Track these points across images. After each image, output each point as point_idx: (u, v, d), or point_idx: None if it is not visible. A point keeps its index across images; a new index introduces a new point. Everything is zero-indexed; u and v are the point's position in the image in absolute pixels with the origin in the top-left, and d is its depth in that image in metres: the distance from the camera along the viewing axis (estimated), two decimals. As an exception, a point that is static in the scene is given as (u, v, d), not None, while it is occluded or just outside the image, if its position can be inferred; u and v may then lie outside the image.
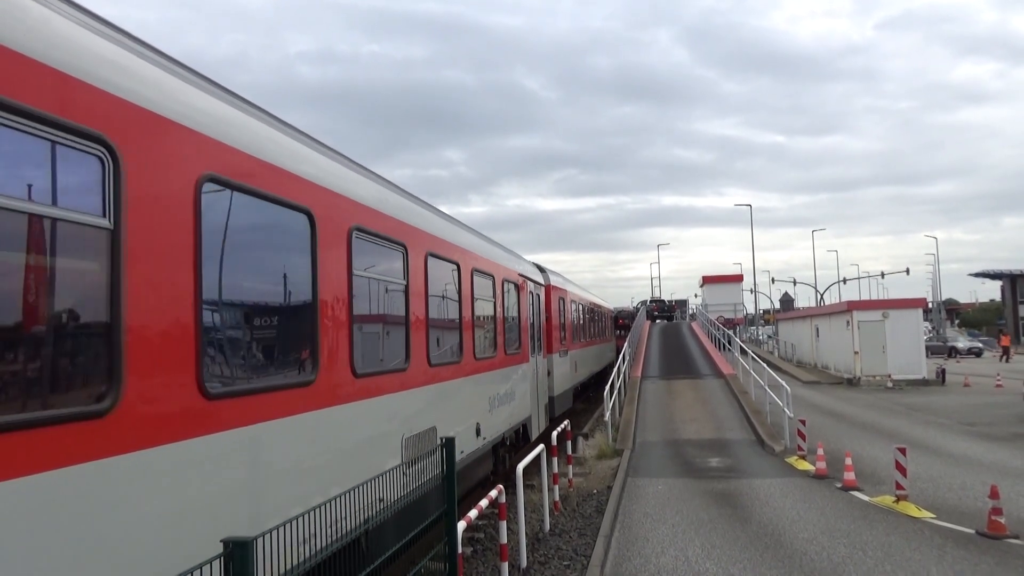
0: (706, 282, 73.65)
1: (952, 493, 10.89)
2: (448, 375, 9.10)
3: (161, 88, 4.20)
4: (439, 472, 6.13)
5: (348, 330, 6.27)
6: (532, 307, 15.58)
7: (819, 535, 8.90)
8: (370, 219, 6.90)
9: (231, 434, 4.55)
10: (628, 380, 24.84)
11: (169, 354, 4.05)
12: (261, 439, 4.86)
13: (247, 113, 5.25)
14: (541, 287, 17.04)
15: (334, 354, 6.01)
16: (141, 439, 3.79)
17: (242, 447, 4.69)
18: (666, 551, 8.46)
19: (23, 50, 3.25)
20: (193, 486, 4.22)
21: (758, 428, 17.16)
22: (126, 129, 3.79)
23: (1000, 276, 74.23)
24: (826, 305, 49.87)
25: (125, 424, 3.67)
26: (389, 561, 5.35)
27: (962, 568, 7.58)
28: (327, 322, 5.92)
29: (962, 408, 21.32)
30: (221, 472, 4.50)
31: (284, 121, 6.00)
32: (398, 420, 7.35)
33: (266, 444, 4.93)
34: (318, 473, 5.73)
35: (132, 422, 3.73)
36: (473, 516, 6.77)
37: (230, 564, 2.95)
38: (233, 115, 4.98)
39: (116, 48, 3.96)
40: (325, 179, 6.11)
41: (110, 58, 3.85)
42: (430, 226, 8.97)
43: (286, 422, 5.21)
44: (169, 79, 4.35)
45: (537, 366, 15.71)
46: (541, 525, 9.73)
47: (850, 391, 27.41)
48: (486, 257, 11.65)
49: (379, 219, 7.16)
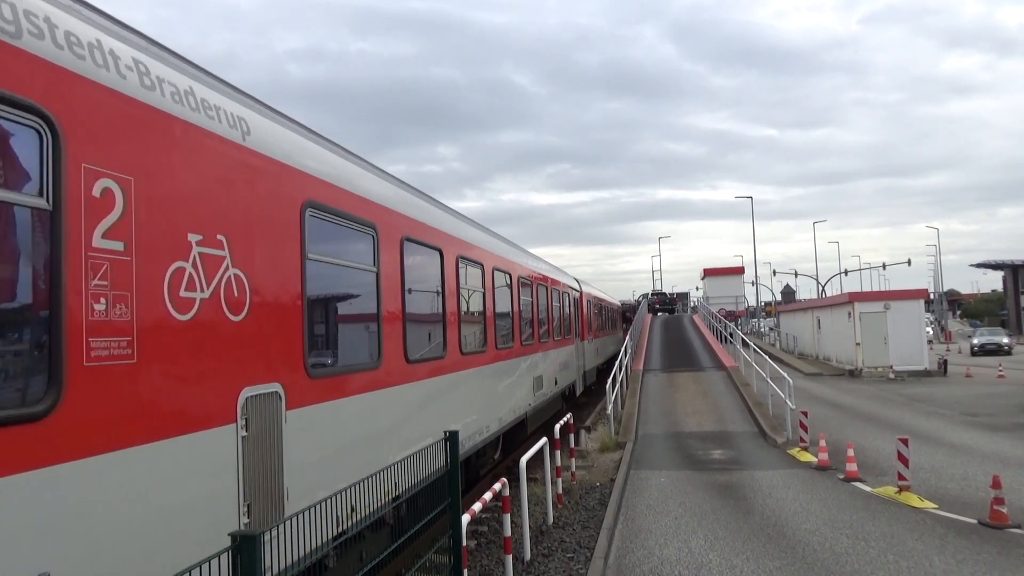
0: (707, 275, 73.56)
1: (954, 483, 10.91)
2: (540, 348, 15.65)
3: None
4: (443, 466, 6.16)
5: (489, 321, 11.39)
6: (574, 308, 21.93)
7: (822, 526, 8.93)
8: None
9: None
10: (630, 373, 24.87)
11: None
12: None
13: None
14: (578, 292, 23.06)
15: (497, 336, 11.67)
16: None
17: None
18: (669, 543, 8.50)
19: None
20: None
21: (760, 420, 17.18)
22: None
23: (1001, 267, 74.11)
24: (827, 297, 49.84)
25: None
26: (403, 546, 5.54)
27: (964, 558, 7.61)
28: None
29: (964, 399, 21.33)
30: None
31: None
32: (532, 369, 14.57)
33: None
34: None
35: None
36: (477, 509, 6.79)
37: (238, 558, 2.97)
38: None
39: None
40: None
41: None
42: (520, 257, 14.70)
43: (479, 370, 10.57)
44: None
45: (577, 348, 21.92)
46: (544, 518, 9.76)
47: (852, 382, 27.42)
48: (556, 278, 18.62)
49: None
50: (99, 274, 3.65)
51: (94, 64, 3.77)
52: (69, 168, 3.51)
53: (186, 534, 4.11)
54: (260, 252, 5.04)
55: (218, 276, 4.57)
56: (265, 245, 5.10)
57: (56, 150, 3.45)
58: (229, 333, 4.65)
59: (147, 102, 4.11)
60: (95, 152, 3.69)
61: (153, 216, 4.04)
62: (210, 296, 4.47)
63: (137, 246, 3.90)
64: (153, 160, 4.10)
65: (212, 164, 4.63)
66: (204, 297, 4.42)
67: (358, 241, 6.78)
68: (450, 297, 9.28)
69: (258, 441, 4.83)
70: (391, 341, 7.24)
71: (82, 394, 3.49)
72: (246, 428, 4.72)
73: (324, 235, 6.01)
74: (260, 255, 5.04)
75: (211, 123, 4.67)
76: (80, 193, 3.56)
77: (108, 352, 3.67)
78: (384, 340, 7.08)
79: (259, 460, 4.83)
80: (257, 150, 5.12)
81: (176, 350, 4.16)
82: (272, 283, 5.17)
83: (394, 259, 7.48)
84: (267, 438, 4.95)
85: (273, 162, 5.32)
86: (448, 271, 9.25)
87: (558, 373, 17.76)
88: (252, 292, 4.90)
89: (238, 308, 4.75)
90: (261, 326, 4.98)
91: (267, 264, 5.12)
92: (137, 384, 3.86)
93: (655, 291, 76.69)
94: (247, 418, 4.74)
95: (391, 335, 7.26)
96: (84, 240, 3.57)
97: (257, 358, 4.92)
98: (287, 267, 5.38)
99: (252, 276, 4.91)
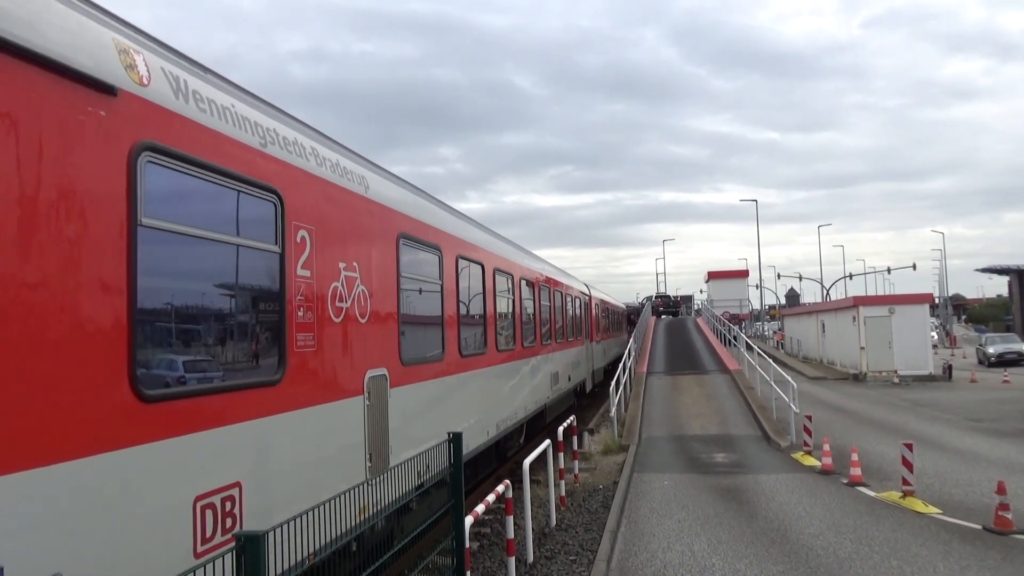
0: (711, 277, 73.52)
1: (959, 489, 10.87)
2: (558, 348, 17.72)
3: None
4: (447, 466, 6.16)
5: (517, 321, 13.27)
6: (584, 311, 23.88)
7: (825, 530, 8.90)
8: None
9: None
10: (634, 376, 24.85)
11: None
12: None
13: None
14: (587, 297, 24.83)
15: (519, 333, 13.48)
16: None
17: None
18: (672, 546, 8.48)
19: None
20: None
21: (764, 424, 17.15)
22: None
23: (1007, 271, 73.71)
24: (832, 301, 49.71)
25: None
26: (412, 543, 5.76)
27: (969, 563, 7.58)
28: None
29: (969, 404, 21.26)
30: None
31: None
32: (551, 366, 16.55)
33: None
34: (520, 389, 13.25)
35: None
36: (480, 511, 6.79)
37: (242, 558, 2.97)
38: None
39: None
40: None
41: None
42: (530, 262, 15.75)
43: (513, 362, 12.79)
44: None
45: (587, 348, 24.05)
46: (547, 520, 9.75)
47: (856, 387, 27.34)
48: (568, 284, 20.50)
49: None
50: (299, 292, 5.40)
51: (303, 159, 5.66)
52: (287, 224, 5.26)
53: (343, 468, 5.94)
54: (375, 273, 6.80)
55: (353, 291, 6.32)
56: (377, 267, 6.89)
57: (282, 213, 5.20)
58: (359, 331, 6.37)
59: (321, 176, 5.92)
60: (298, 212, 5.43)
61: (323, 252, 5.78)
62: (349, 306, 6.23)
63: (316, 273, 5.65)
64: (323, 213, 5.85)
65: (350, 212, 6.40)
66: (346, 307, 6.16)
67: (428, 261, 8.65)
68: (489, 304, 11.24)
69: (374, 409, 6.58)
70: (451, 340, 9.10)
71: (294, 371, 5.26)
72: (368, 399, 6.47)
73: (409, 258, 7.84)
74: (375, 275, 6.80)
75: (350, 184, 6.47)
76: (292, 240, 5.32)
77: (304, 344, 5.43)
78: (446, 339, 8.94)
79: (375, 423, 6.57)
80: (373, 199, 6.96)
81: (334, 342, 5.91)
82: (381, 295, 6.92)
83: (452, 274, 9.32)
84: (379, 408, 6.68)
85: (382, 207, 7.15)
86: (487, 283, 11.26)
87: (571, 371, 19.91)
88: (371, 302, 6.65)
89: (363, 314, 6.48)
90: (376, 326, 6.75)
91: (378, 281, 6.87)
92: (317, 365, 5.63)
93: (659, 294, 76.58)
94: (369, 391, 6.50)
95: (450, 335, 9.11)
96: (292, 271, 5.31)
97: (374, 349, 6.68)
98: (389, 283, 7.18)
99: (370, 291, 6.67)
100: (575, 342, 21.12)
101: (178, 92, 4.28)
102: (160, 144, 4.03)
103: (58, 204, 3.40)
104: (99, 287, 3.62)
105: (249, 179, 4.85)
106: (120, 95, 3.78)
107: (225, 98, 4.83)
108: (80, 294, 3.51)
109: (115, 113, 3.74)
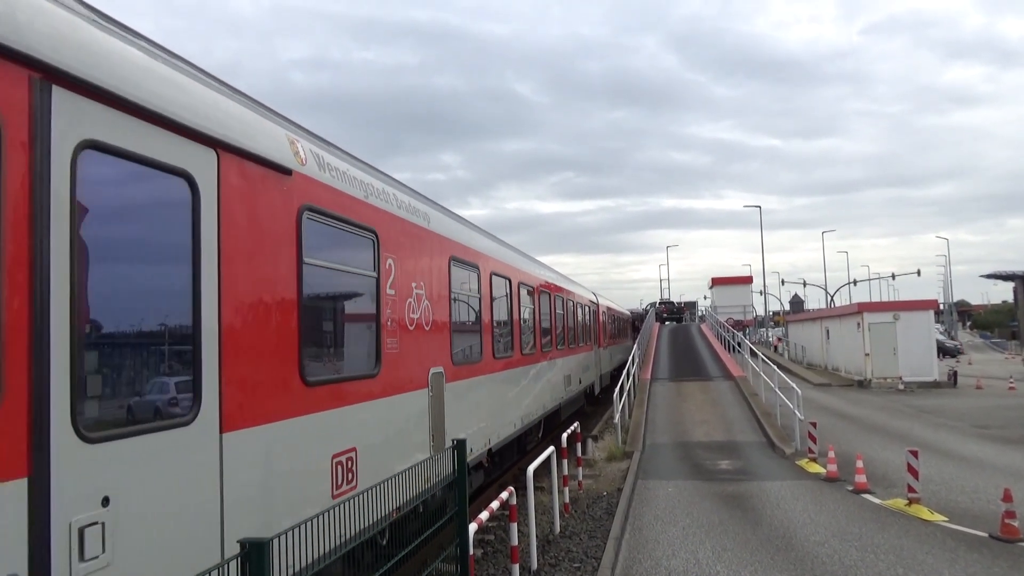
0: (715, 284, 73.36)
1: (964, 496, 10.82)
2: (570, 353, 19.33)
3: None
4: (451, 474, 6.15)
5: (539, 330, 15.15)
6: (592, 318, 25.31)
7: (830, 538, 8.87)
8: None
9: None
10: (638, 382, 24.82)
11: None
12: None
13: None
14: (595, 305, 26.34)
15: (538, 339, 14.81)
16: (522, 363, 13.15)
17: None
18: (677, 553, 8.45)
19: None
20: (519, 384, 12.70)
21: (768, 430, 17.10)
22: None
23: (1012, 277, 73.39)
24: (836, 307, 49.63)
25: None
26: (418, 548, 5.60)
27: (975, 572, 7.54)
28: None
29: (974, 411, 21.18)
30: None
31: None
32: (564, 369, 18.06)
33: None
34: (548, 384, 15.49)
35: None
36: (484, 518, 6.77)
37: (247, 565, 2.97)
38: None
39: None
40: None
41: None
42: (546, 274, 17.56)
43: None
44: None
45: (596, 353, 25.75)
46: (551, 527, 9.73)
47: (861, 393, 27.27)
48: (578, 293, 22.07)
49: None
50: (388, 307, 6.95)
51: (388, 204, 7.19)
52: (380, 255, 6.80)
53: (415, 444, 7.49)
54: (434, 289, 8.34)
55: (421, 305, 7.83)
56: (436, 285, 8.41)
57: (378, 246, 6.75)
58: (424, 337, 7.92)
59: (400, 216, 7.44)
60: (387, 244, 6.96)
61: (401, 274, 7.31)
62: (419, 316, 7.75)
63: (397, 291, 7.17)
64: (401, 244, 7.36)
65: (417, 241, 7.90)
66: (416, 317, 7.70)
67: (470, 278, 10.15)
68: (515, 313, 12.88)
69: (435, 399, 8.09)
70: (487, 344, 10.68)
71: (385, 367, 6.77)
72: (431, 391, 8.00)
73: (457, 276, 9.35)
74: (434, 291, 8.33)
75: (417, 220, 7.98)
76: (383, 267, 6.83)
77: (391, 346, 6.97)
78: (483, 344, 10.50)
79: (435, 412, 8.08)
80: (432, 230, 8.49)
81: (409, 345, 7.43)
82: (438, 308, 8.43)
83: (487, 289, 10.90)
84: (438, 399, 8.19)
85: (439, 236, 8.72)
86: (513, 294, 12.75)
87: (582, 373, 21.72)
88: (432, 313, 8.18)
89: (427, 323, 8.02)
90: (435, 333, 8.30)
91: (437, 296, 8.41)
92: (399, 363, 7.14)
93: (663, 300, 76.51)
94: (432, 385, 8.04)
95: (486, 340, 10.69)
96: (384, 290, 6.84)
97: (434, 351, 8.25)
98: (444, 297, 8.69)
99: (432, 304, 8.18)
100: (585, 347, 22.70)
101: (321, 166, 5.87)
102: (314, 205, 5.61)
103: (270, 252, 4.99)
104: (284, 309, 5.12)
105: (359, 224, 6.41)
106: (293, 174, 5.33)
107: (342, 164, 6.41)
108: (274, 313, 4.99)
109: (291, 186, 5.31)
